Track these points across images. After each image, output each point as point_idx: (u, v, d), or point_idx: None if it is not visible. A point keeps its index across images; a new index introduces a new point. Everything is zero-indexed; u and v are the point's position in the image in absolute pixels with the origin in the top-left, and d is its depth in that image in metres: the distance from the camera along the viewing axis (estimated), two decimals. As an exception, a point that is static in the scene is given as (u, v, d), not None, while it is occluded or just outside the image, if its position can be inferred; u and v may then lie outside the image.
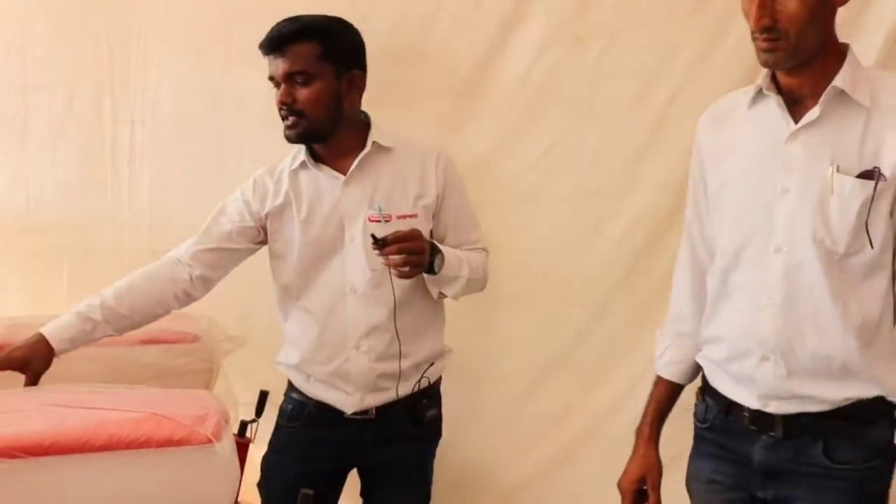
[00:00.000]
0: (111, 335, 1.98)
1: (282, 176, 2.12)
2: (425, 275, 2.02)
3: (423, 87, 2.58)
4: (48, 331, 1.90)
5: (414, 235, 1.95)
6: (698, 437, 1.88)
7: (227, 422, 1.63)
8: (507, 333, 2.62)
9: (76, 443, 1.48)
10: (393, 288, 2.04)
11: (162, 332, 2.28)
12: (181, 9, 2.68)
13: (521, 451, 2.67)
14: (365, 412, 2.10)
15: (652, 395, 1.97)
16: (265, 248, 2.20)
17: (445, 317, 2.24)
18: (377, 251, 1.92)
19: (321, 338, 2.10)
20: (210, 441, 1.52)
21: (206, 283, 2.11)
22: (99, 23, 2.72)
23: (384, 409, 2.11)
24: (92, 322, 1.94)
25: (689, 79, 2.43)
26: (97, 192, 2.74)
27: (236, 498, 1.71)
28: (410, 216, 2.07)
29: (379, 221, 2.04)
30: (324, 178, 2.09)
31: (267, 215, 2.12)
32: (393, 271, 1.95)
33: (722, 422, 1.79)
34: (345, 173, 2.07)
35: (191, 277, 2.07)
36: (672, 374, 1.94)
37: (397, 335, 2.07)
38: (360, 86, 2.09)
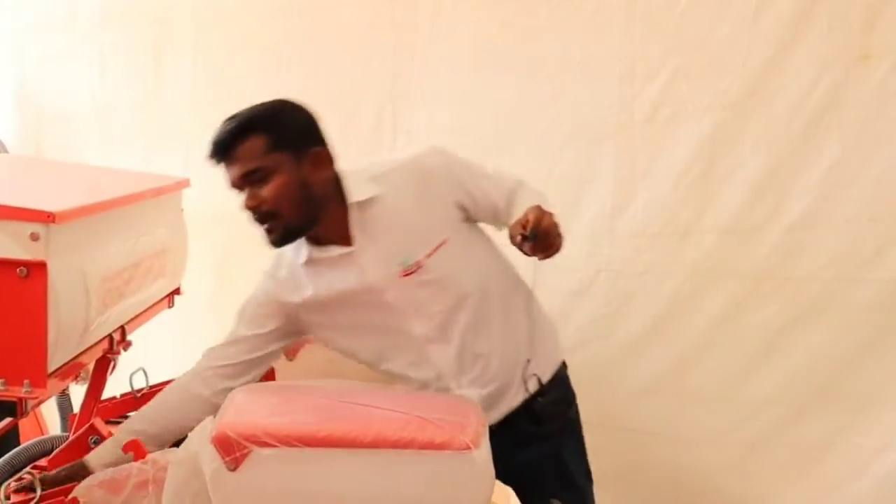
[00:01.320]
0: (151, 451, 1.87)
1: (296, 269, 1.89)
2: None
3: (688, 106, 2.46)
4: (89, 459, 1.83)
5: (541, 212, 1.69)
6: None
7: (486, 429, 1.58)
8: (772, 359, 2.45)
9: (346, 437, 1.48)
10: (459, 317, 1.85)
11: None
12: (461, 26, 2.72)
13: (782, 480, 2.49)
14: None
15: None
16: None
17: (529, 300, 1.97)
18: (531, 250, 1.68)
19: (430, 387, 1.92)
20: (468, 447, 1.48)
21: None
22: (385, 39, 2.81)
23: (503, 421, 1.92)
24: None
25: None
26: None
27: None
28: (441, 244, 1.83)
29: (413, 273, 1.82)
30: (336, 259, 1.85)
31: (301, 306, 1.89)
32: (541, 257, 1.71)
33: None
34: (350, 244, 1.85)
35: (213, 392, 1.89)
36: None
37: (483, 357, 1.88)
38: (327, 158, 1.83)
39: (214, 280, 3.03)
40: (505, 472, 1.97)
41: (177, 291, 2.42)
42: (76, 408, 2.26)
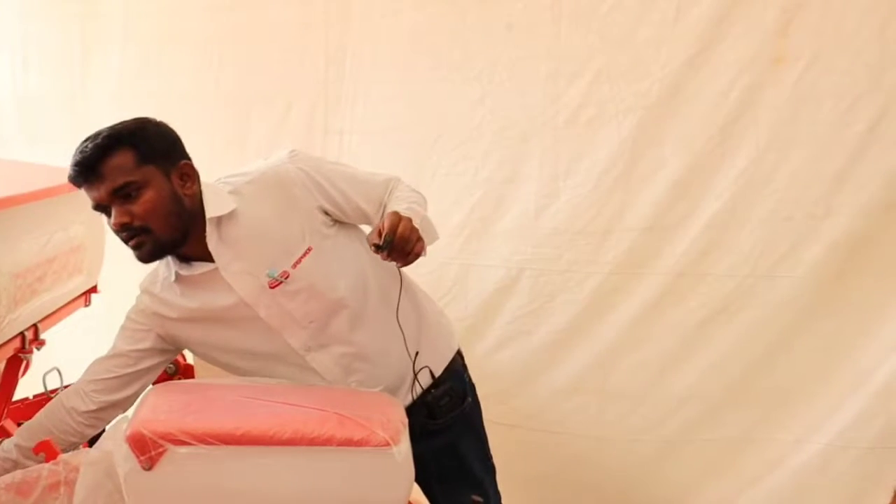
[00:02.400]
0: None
1: (169, 286, 1.82)
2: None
3: (610, 106, 2.46)
4: None
5: (397, 218, 1.64)
6: None
7: (405, 426, 1.56)
8: (691, 356, 2.46)
9: (264, 435, 1.45)
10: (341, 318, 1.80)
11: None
12: (392, 30, 2.70)
13: (702, 476, 2.51)
14: None
15: None
16: None
17: (398, 300, 1.85)
18: (387, 258, 1.65)
19: None
20: (388, 444, 1.46)
21: (118, 406, 1.84)
22: (317, 42, 2.77)
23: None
24: (11, 461, 1.76)
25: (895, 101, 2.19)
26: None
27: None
28: (305, 253, 1.77)
29: (281, 283, 1.76)
30: (203, 277, 1.78)
31: (176, 323, 1.83)
32: (400, 264, 1.69)
33: None
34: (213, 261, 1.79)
35: (90, 407, 1.81)
36: None
37: (366, 357, 1.84)
38: (193, 172, 1.77)
39: (134, 278, 2.95)
40: None
41: (94, 290, 2.34)
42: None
